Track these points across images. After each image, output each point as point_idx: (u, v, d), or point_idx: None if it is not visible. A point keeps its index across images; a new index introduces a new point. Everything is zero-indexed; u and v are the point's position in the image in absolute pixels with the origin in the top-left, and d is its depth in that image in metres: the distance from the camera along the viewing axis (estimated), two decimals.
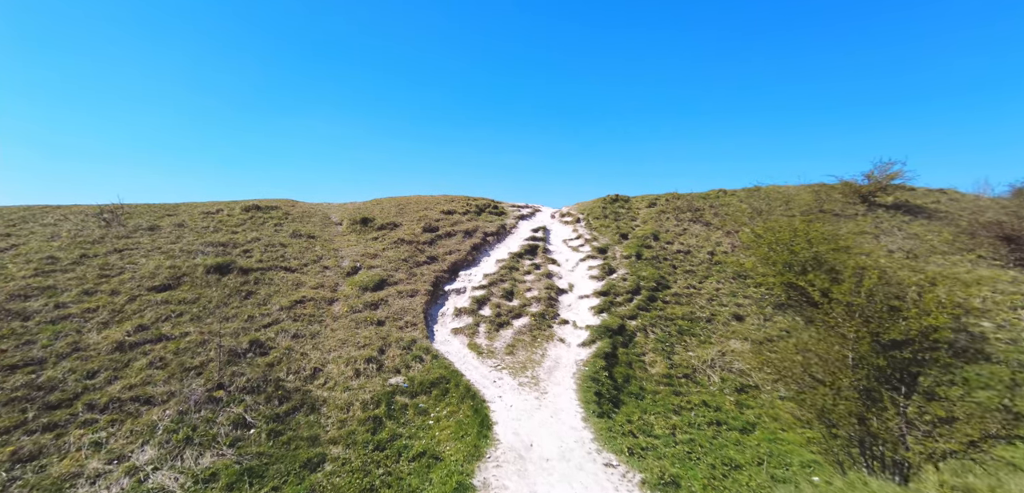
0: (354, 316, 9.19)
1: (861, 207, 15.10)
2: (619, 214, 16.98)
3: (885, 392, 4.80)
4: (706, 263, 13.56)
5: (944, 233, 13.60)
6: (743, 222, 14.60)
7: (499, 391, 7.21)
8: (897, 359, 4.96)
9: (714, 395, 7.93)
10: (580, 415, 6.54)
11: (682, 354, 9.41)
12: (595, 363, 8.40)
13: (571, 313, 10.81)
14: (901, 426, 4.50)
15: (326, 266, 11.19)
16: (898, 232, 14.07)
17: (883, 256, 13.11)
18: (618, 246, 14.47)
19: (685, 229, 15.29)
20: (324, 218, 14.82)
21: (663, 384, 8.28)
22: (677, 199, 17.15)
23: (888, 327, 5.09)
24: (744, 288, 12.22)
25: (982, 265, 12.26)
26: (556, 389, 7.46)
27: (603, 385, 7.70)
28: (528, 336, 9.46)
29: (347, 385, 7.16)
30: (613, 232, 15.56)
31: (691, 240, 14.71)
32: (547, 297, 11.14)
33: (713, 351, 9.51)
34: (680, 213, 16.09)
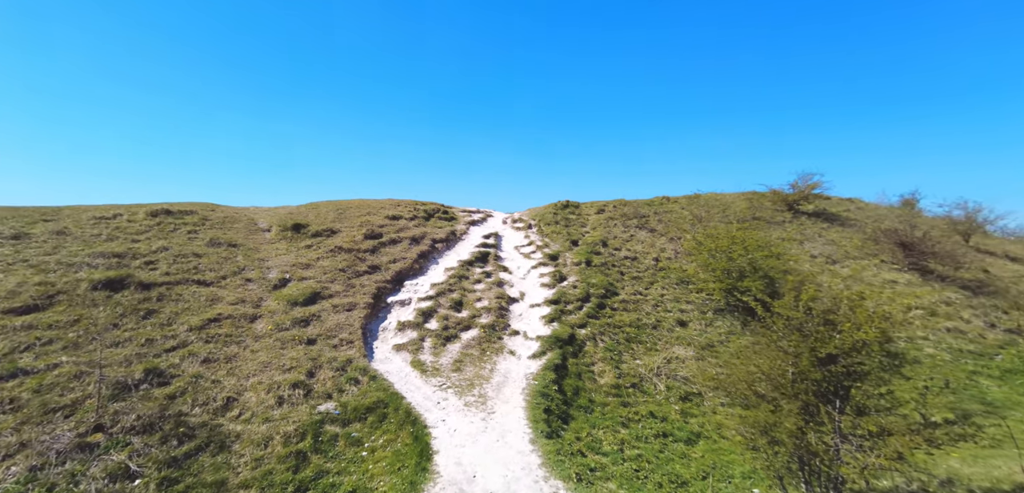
0: (280, 335, 8.20)
1: (788, 214, 16.30)
2: (570, 220, 17.02)
3: (822, 407, 4.92)
4: (652, 269, 13.87)
5: (854, 239, 14.99)
6: (685, 229, 15.18)
7: (443, 413, 6.67)
8: (832, 373, 5.11)
9: (660, 404, 7.94)
10: (528, 436, 6.18)
11: (630, 362, 9.40)
12: (545, 377, 8.11)
13: (522, 323, 10.48)
14: (836, 441, 4.60)
15: (249, 279, 9.97)
16: (818, 238, 15.33)
17: (807, 261, 14.18)
18: (569, 253, 14.43)
19: (632, 235, 15.62)
20: (249, 224, 13.34)
21: (612, 395, 8.16)
22: (624, 206, 17.53)
23: (825, 341, 5.23)
24: (687, 294, 12.60)
25: (886, 269, 13.64)
26: (504, 408, 7.05)
27: (553, 400, 7.41)
28: (477, 350, 8.99)
29: (267, 416, 6.26)
30: (564, 238, 15.52)
31: (637, 246, 15.03)
32: (498, 307, 10.73)
33: (659, 358, 9.60)
34: (627, 220, 16.44)
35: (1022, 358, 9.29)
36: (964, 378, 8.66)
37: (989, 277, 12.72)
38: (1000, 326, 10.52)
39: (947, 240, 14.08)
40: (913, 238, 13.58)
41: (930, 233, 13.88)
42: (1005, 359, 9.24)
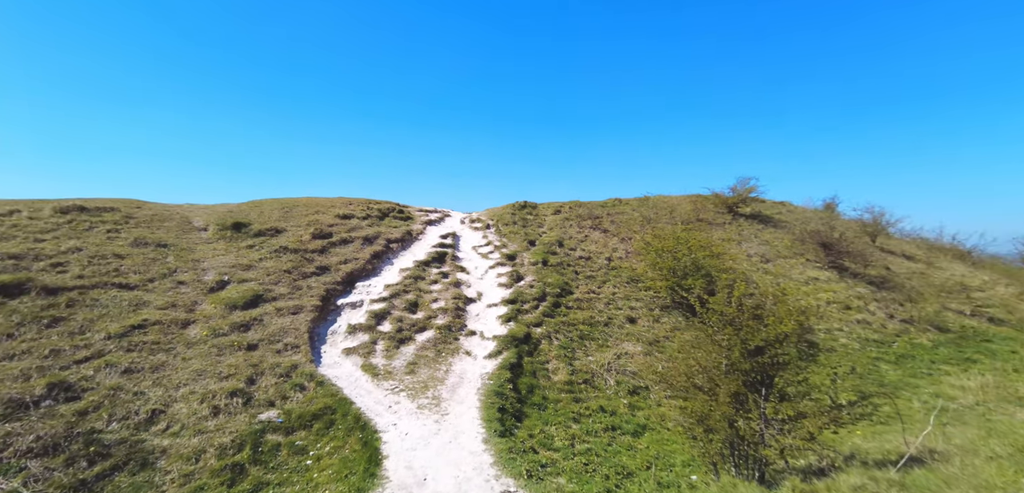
0: (217, 341, 7.64)
1: (728, 216, 17.54)
2: (527, 221, 17.24)
3: (750, 395, 5.37)
4: (604, 268, 14.37)
5: (785, 240, 16.42)
6: (635, 229, 15.88)
7: (395, 417, 6.54)
8: (759, 364, 5.60)
9: (610, 399, 8.27)
10: (481, 436, 6.21)
11: (583, 359, 9.70)
12: (500, 376, 8.18)
13: (479, 323, 10.49)
14: (761, 426, 5.04)
15: (182, 281, 9.20)
16: (754, 239, 16.64)
17: (745, 260, 15.34)
18: (526, 253, 14.62)
19: (586, 236, 16.11)
20: (183, 223, 12.30)
21: (565, 392, 8.38)
22: (579, 207, 18.04)
23: (753, 334, 5.72)
24: (637, 292, 13.20)
25: (810, 267, 15.08)
26: (458, 408, 7.04)
27: (507, 399, 7.50)
28: (432, 351, 8.89)
29: (200, 427, 5.82)
30: (521, 239, 15.70)
31: (591, 246, 15.52)
32: (454, 307, 10.67)
33: (610, 354, 9.99)
34: (582, 220, 16.93)
35: (913, 345, 10.64)
36: (868, 364, 9.77)
37: (890, 274, 14.44)
38: (897, 317, 11.99)
39: (858, 241, 15.82)
40: (832, 239, 15.11)
41: (845, 235, 15.51)
42: (900, 346, 10.54)
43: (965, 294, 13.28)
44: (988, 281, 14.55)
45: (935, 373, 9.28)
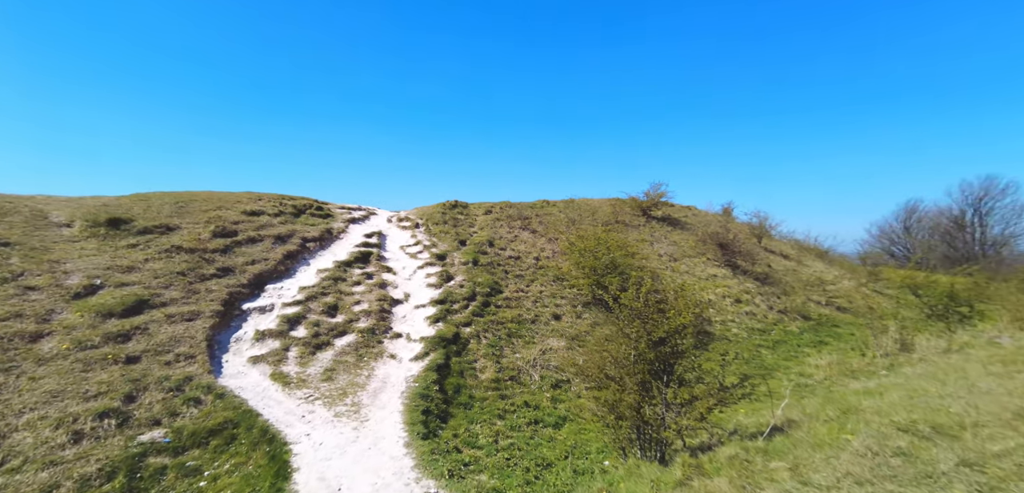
0: (83, 354, 6.51)
1: (642, 219, 19.13)
2: (458, 220, 17.16)
3: (654, 383, 5.95)
4: (533, 268, 14.84)
5: (690, 240, 18.34)
6: (561, 230, 16.63)
7: (308, 427, 6.12)
8: (662, 353, 6.23)
9: (534, 393, 8.59)
10: (404, 440, 6.08)
11: (510, 356, 9.93)
12: (426, 378, 8.06)
13: (406, 325, 10.22)
14: (662, 411, 5.62)
15: (32, 286, 7.66)
16: (664, 239, 18.36)
17: (656, 259, 16.84)
18: (457, 252, 14.54)
19: (516, 236, 16.49)
20: (35, 217, 10.22)
21: (492, 389, 8.52)
22: (510, 207, 18.41)
23: (657, 326, 6.34)
24: (562, 290, 13.82)
25: (710, 266, 17.05)
26: (380, 414, 6.80)
27: (433, 401, 7.42)
28: (353, 356, 8.46)
29: (53, 459, 4.92)
30: (452, 238, 15.58)
31: (521, 246, 15.92)
32: (379, 309, 10.27)
33: (536, 350, 10.35)
34: (512, 221, 17.30)
35: (786, 332, 12.57)
36: (752, 349, 11.33)
37: (771, 270, 16.88)
38: (775, 308, 14.06)
39: (748, 241, 18.24)
40: (727, 240, 17.22)
41: (738, 236, 17.78)
42: (776, 333, 12.39)
43: (822, 287, 16.01)
44: (838, 276, 17.70)
45: (800, 355, 11.06)
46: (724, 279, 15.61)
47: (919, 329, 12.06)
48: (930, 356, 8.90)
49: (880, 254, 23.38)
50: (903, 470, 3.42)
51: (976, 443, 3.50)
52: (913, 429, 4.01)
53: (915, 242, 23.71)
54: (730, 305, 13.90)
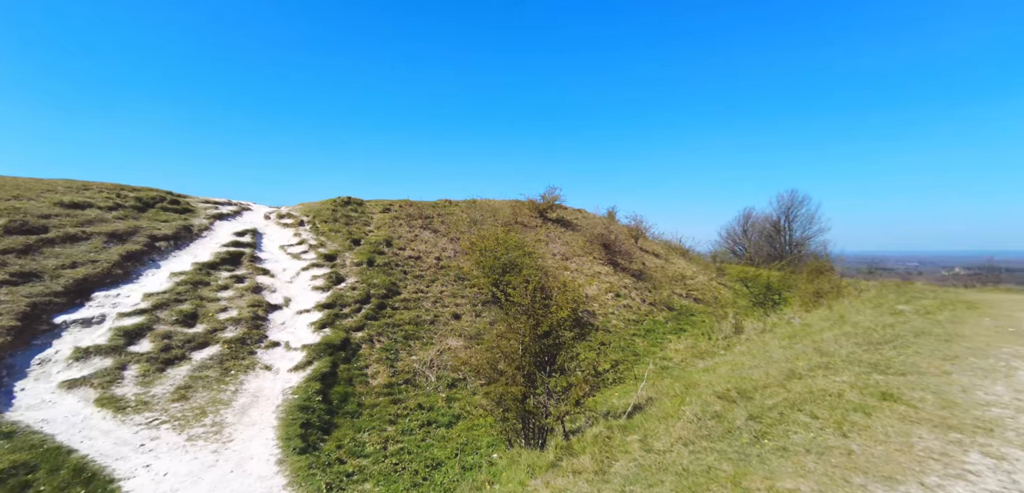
0: None
1: (539, 220, 20.28)
2: (351, 218, 16.10)
3: (539, 375, 6.41)
4: (434, 268, 14.67)
5: (580, 241, 19.99)
6: (463, 230, 16.76)
7: (148, 457, 5.18)
8: (546, 345, 6.74)
9: (429, 395, 8.54)
10: (276, 457, 5.54)
11: (406, 360, 9.69)
12: (308, 388, 7.45)
13: (285, 333, 9.27)
14: (545, 400, 6.09)
15: None
16: (558, 240, 19.73)
17: (550, 258, 18.00)
18: (349, 252, 13.65)
19: (417, 235, 16.11)
20: None
21: (384, 395, 8.23)
22: (410, 206, 17.90)
23: (543, 321, 6.83)
24: (463, 289, 13.94)
25: (596, 264, 18.84)
26: (249, 432, 6.07)
27: (315, 412, 6.89)
28: (216, 370, 7.39)
29: None
30: (344, 237, 14.57)
31: (422, 246, 15.61)
32: (252, 316, 9.13)
33: (433, 351, 10.28)
34: (412, 220, 16.86)
35: (655, 321, 14.56)
36: (628, 338, 12.87)
37: (645, 268, 19.35)
38: (647, 301, 16.18)
39: (627, 242, 20.60)
40: (611, 241, 19.20)
41: (619, 237, 19.96)
42: (647, 323, 14.27)
43: (684, 282, 18.90)
44: (696, 272, 21.08)
45: (664, 341, 12.90)
46: (607, 276, 17.39)
47: (748, 314, 15.01)
48: (752, 336, 11.15)
49: (726, 253, 28.65)
50: (715, 429, 4.28)
51: (760, 400, 4.55)
52: (727, 395, 5.02)
53: (749, 243, 29.76)
54: (611, 299, 15.55)
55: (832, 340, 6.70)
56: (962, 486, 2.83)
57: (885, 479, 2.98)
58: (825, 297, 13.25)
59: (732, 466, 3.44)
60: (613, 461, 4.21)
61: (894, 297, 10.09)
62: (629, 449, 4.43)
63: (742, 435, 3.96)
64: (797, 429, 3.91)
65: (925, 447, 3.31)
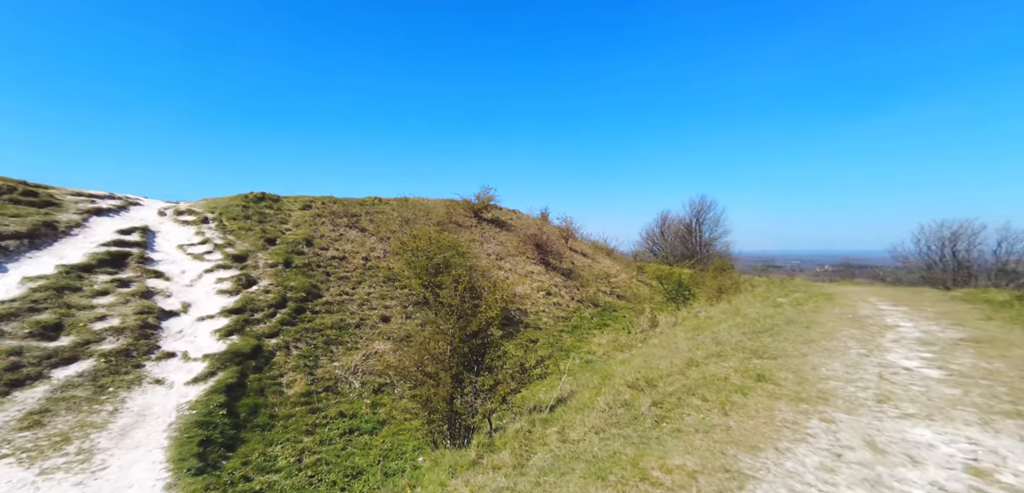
0: None
1: (474, 220, 20.31)
2: (266, 216, 14.77)
3: (466, 374, 6.44)
4: (360, 268, 14.00)
5: (514, 241, 20.39)
6: (394, 229, 16.21)
7: None
8: (474, 345, 6.79)
9: (353, 402, 8.16)
10: (165, 482, 4.92)
11: (327, 366, 9.15)
12: (209, 402, 6.71)
13: (183, 342, 8.25)
14: (472, 399, 6.14)
15: None
16: (493, 240, 19.93)
17: (484, 258, 18.11)
18: (263, 253, 12.52)
19: (342, 234, 15.24)
20: None
21: (301, 404, 7.70)
22: (335, 203, 16.88)
23: (472, 321, 6.88)
24: (392, 291, 13.49)
25: (529, 263, 19.34)
26: (129, 457, 5.31)
27: (217, 428, 6.24)
28: (88, 388, 6.36)
29: None
30: (257, 236, 13.33)
31: (347, 246, 14.81)
32: (140, 325, 8.00)
33: (358, 356, 9.83)
34: (337, 218, 15.91)
35: (582, 317, 15.36)
36: (557, 335, 13.42)
37: (574, 267, 20.31)
38: (576, 298, 17.00)
39: (558, 242, 21.44)
40: (543, 241, 19.83)
41: (551, 237, 20.70)
42: (575, 319, 15.00)
43: (608, 280, 20.18)
44: (619, 270, 22.61)
45: (589, 336, 13.66)
46: (539, 275, 17.95)
47: (663, 309, 16.44)
48: (665, 329, 12.25)
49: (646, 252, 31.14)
50: (623, 416, 4.67)
51: (663, 387, 5.05)
52: (636, 384, 5.49)
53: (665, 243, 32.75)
54: (542, 298, 16.08)
55: (726, 331, 7.62)
56: (804, 447, 3.42)
57: (751, 448, 3.49)
58: (726, 292, 14.99)
59: (634, 449, 3.78)
60: (532, 454, 4.40)
61: (776, 291, 11.74)
62: (547, 441, 4.65)
63: (646, 420, 4.36)
64: (690, 412, 4.40)
65: (783, 418, 3.93)
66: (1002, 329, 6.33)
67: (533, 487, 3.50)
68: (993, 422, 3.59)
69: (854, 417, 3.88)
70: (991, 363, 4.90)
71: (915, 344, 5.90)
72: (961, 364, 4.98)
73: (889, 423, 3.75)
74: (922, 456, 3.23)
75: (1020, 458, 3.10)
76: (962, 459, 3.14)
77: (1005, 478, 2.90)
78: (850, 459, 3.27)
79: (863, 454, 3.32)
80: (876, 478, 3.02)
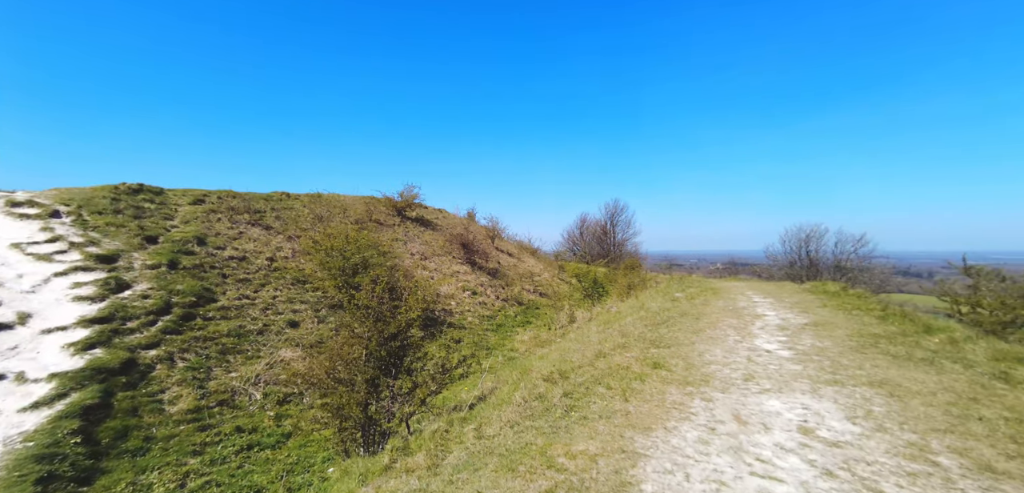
0: None
1: (397, 218, 19.59)
2: (145, 210, 12.70)
3: (383, 379, 6.20)
4: (265, 270, 12.72)
5: (440, 240, 20.09)
6: (305, 227, 14.98)
7: None
8: (393, 348, 6.57)
9: (253, 415, 7.38)
10: None
11: (222, 378, 8.18)
12: (57, 429, 5.61)
13: (18, 361, 6.77)
14: (389, 404, 5.94)
15: None
16: (417, 239, 19.41)
17: (408, 258, 17.57)
18: (140, 253, 10.76)
19: (242, 233, 13.68)
20: None
21: (187, 422, 6.78)
22: (234, 198, 15.07)
23: (391, 322, 6.64)
24: (303, 293, 12.46)
25: (455, 263, 19.20)
26: None
27: (68, 459, 5.23)
28: None
29: None
30: (132, 234, 11.42)
31: (249, 245, 13.34)
32: None
33: (260, 365, 8.94)
34: (236, 214, 14.23)
35: (506, 316, 15.68)
36: (482, 333, 13.53)
37: (500, 266, 20.64)
38: (501, 297, 17.29)
39: (485, 242, 21.61)
40: (470, 240, 19.82)
41: (477, 237, 20.77)
42: (499, 318, 15.27)
43: (532, 279, 20.86)
44: (543, 269, 23.51)
45: (513, 334, 13.99)
46: (465, 275, 17.91)
47: (580, 305, 17.46)
48: (582, 324, 13.03)
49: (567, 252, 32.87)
50: (537, 408, 4.89)
51: (574, 378, 5.40)
52: (550, 377, 5.78)
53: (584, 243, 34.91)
54: (468, 297, 16.08)
55: (631, 323, 8.36)
56: (687, 424, 3.92)
57: (645, 429, 3.90)
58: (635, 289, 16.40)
59: (544, 439, 3.99)
60: (447, 453, 4.40)
61: (675, 287, 13.16)
62: (464, 439, 4.69)
63: (557, 411, 4.62)
64: (596, 400, 4.77)
65: (672, 401, 4.45)
66: (832, 314, 7.88)
67: (446, 486, 3.51)
68: (819, 389, 4.46)
69: (727, 395, 4.54)
70: (822, 342, 6.08)
71: (775, 330, 7.07)
72: (804, 345, 6.09)
73: (751, 398, 4.45)
74: (772, 423, 3.90)
75: (833, 416, 3.91)
76: (797, 421, 3.86)
77: (822, 433, 3.64)
78: (721, 431, 3.82)
79: (731, 426, 3.90)
80: (738, 445, 3.57)
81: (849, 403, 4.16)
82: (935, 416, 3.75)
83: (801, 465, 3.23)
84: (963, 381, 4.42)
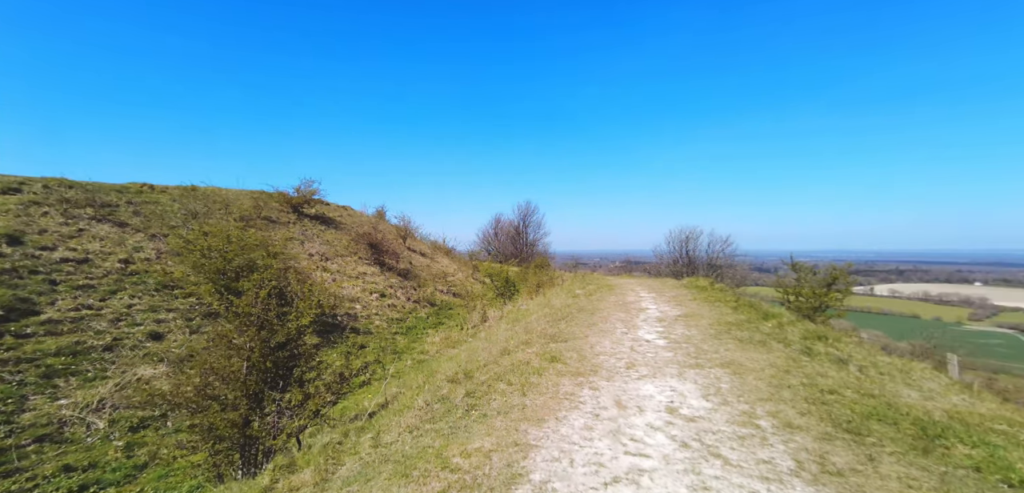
0: None
1: (293, 216, 17.78)
2: None
3: (268, 393, 5.59)
4: (116, 274, 10.60)
5: (344, 240, 18.76)
6: (174, 225, 12.81)
7: None
8: (280, 359, 5.95)
9: (91, 449, 6.10)
10: None
11: (44, 408, 6.62)
12: None
13: None
14: (275, 419, 5.38)
15: None
16: (317, 238, 17.86)
17: (306, 259, 16.07)
18: None
19: (83, 230, 11.20)
20: None
21: None
22: (70, 188, 12.23)
23: (279, 330, 6.00)
24: (170, 301, 10.66)
25: (362, 264, 18.10)
26: None
27: None
28: None
29: None
30: None
31: (93, 245, 10.98)
32: None
33: (107, 388, 7.45)
34: (74, 208, 11.57)
35: (417, 318, 15.27)
36: (390, 337, 12.98)
37: (412, 267, 20.00)
38: (412, 299, 16.78)
39: (395, 242, 20.74)
40: (378, 240, 18.84)
41: (387, 236, 19.85)
42: (409, 321, 14.81)
43: (446, 279, 20.63)
44: (456, 269, 23.40)
45: (424, 336, 13.69)
46: (373, 276, 17.00)
47: (493, 304, 17.78)
48: (493, 323, 13.28)
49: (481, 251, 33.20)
50: (439, 410, 4.87)
51: (478, 377, 5.50)
52: (455, 378, 5.80)
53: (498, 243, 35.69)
54: (375, 300, 15.29)
55: (535, 320, 8.77)
56: (576, 413, 4.26)
57: (538, 421, 4.14)
58: (543, 287, 17.21)
59: (442, 441, 4.00)
60: (339, 466, 4.15)
61: (577, 285, 14.14)
62: (359, 449, 4.47)
63: (458, 411, 4.66)
64: (497, 396, 4.92)
65: (565, 392, 4.80)
66: (700, 306, 9.24)
67: None
68: (684, 373, 5.22)
69: (611, 383, 5.03)
70: (690, 331, 7.10)
71: (655, 321, 8.04)
72: (677, 334, 7.04)
73: (631, 384, 5.00)
74: (645, 405, 4.44)
75: (693, 395, 4.61)
76: (665, 402, 4.46)
77: (684, 411, 4.27)
78: (603, 417, 4.23)
79: (612, 411, 4.34)
80: (617, 428, 4.00)
81: (705, 383, 4.93)
82: (761, 388, 4.64)
83: (665, 441, 3.74)
84: (783, 357, 5.54)
